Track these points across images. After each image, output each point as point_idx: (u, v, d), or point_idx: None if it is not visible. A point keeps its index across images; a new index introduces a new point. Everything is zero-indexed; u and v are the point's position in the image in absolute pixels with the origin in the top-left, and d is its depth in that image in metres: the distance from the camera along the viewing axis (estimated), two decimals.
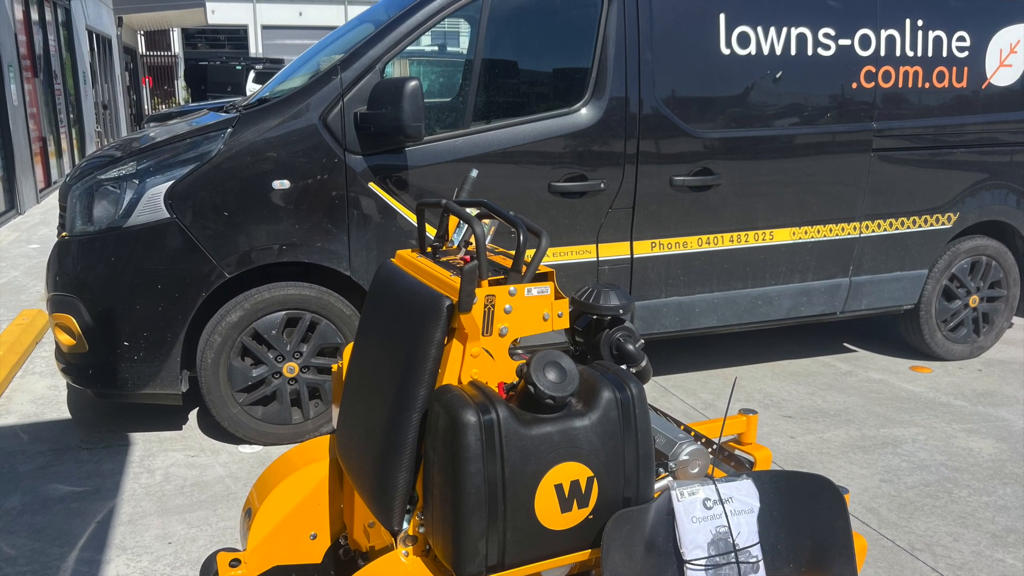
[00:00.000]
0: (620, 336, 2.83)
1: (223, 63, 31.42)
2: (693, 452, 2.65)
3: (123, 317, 4.68)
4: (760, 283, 5.86)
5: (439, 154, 4.96)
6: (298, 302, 4.89)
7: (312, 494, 2.95)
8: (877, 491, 4.59)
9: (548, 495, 2.24)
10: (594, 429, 2.27)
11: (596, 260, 5.39)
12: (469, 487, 2.16)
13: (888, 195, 6.06)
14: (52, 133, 15.81)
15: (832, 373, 6.40)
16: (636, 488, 2.35)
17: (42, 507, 4.35)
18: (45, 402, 5.71)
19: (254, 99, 5.44)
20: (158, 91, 38.67)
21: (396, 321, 2.58)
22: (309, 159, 4.75)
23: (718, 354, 6.81)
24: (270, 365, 4.93)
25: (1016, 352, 6.95)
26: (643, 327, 5.62)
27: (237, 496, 4.48)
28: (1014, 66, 6.29)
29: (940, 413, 5.64)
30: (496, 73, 5.14)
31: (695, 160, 5.46)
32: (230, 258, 4.73)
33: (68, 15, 18.38)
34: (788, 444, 5.15)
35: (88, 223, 4.70)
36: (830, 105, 5.77)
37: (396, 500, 2.40)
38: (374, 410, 2.57)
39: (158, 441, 5.14)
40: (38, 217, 12.58)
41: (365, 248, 4.93)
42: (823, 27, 5.66)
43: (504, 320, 2.38)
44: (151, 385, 4.83)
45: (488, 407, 2.18)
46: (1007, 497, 4.53)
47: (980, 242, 6.53)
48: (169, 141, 4.75)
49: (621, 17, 5.20)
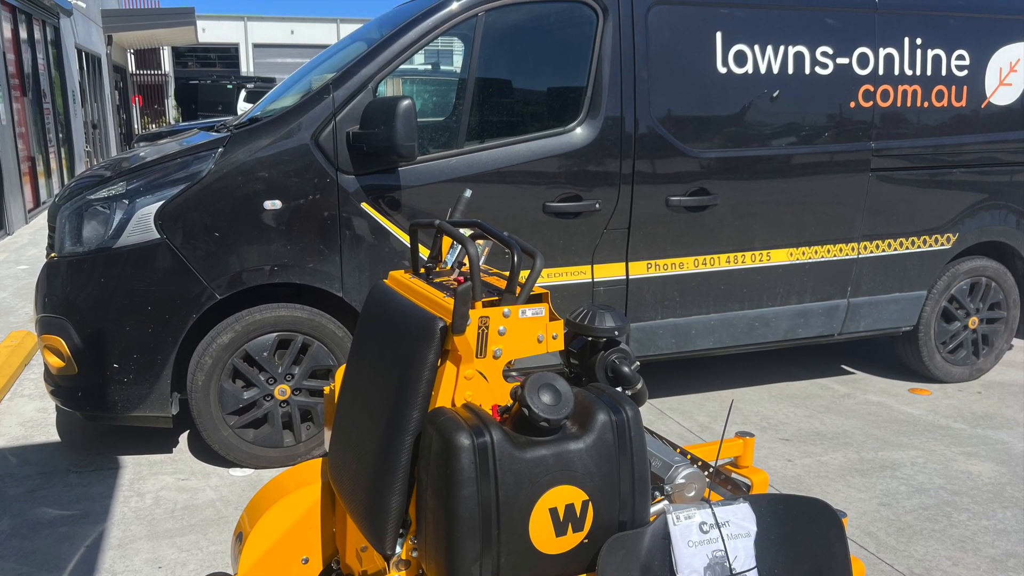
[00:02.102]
0: (615, 358, 2.84)
1: (214, 82, 31.56)
2: (689, 475, 2.66)
3: (113, 339, 4.65)
4: (757, 305, 5.83)
5: (432, 174, 4.95)
6: (290, 324, 4.86)
7: (304, 518, 2.95)
8: (875, 515, 4.56)
9: (543, 519, 2.23)
10: (589, 452, 2.26)
11: (591, 281, 5.36)
12: (463, 511, 2.15)
13: (886, 215, 6.03)
14: (41, 152, 15.82)
15: (830, 395, 6.37)
16: (632, 512, 2.34)
17: (31, 531, 4.32)
18: (34, 425, 5.68)
19: (245, 118, 5.43)
20: (148, 110, 38.84)
21: (389, 343, 2.58)
22: (301, 179, 4.73)
23: (714, 376, 6.79)
24: (261, 387, 4.90)
25: (1016, 374, 6.92)
26: (639, 349, 5.59)
27: (228, 520, 4.45)
28: (1014, 85, 6.27)
29: (939, 436, 5.61)
30: (490, 92, 5.12)
31: (691, 180, 5.43)
32: (221, 279, 4.70)
33: (57, 33, 18.39)
34: (785, 467, 5.13)
35: (77, 244, 4.68)
36: (828, 124, 5.75)
37: (389, 524, 2.39)
38: (367, 433, 2.57)
39: (148, 464, 5.11)
40: (27, 238, 12.58)
41: (358, 269, 4.90)
42: (821, 45, 5.65)
43: (498, 342, 2.39)
44: (141, 408, 4.80)
45: (482, 430, 2.18)
46: (1007, 521, 4.50)
47: (980, 263, 6.51)
48: (159, 161, 4.74)
49: (616, 35, 5.18)
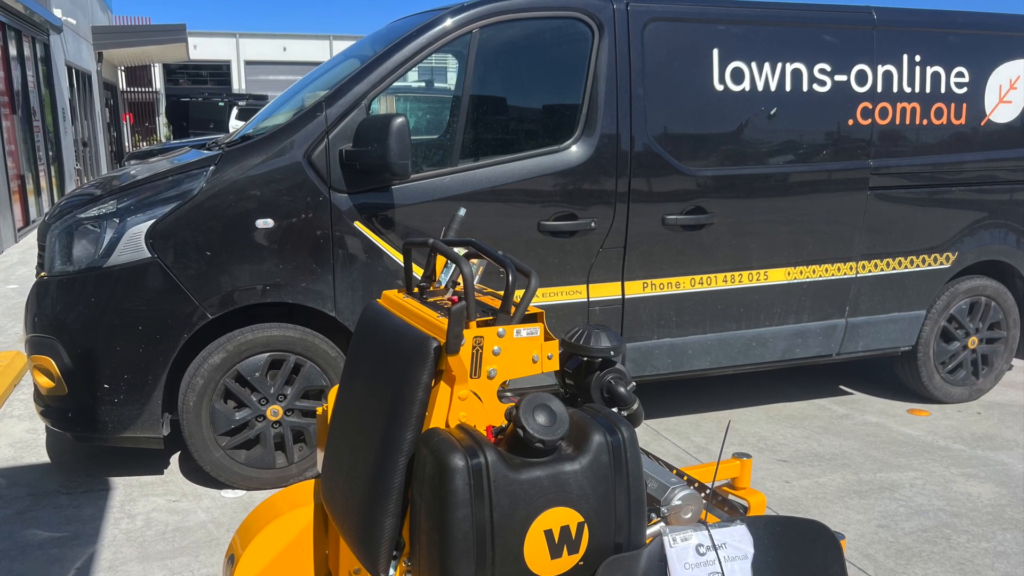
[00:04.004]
0: (611, 378, 2.85)
1: (205, 99, 31.73)
2: (686, 497, 2.65)
3: (103, 359, 4.63)
4: (754, 324, 5.80)
5: (426, 192, 4.92)
6: (282, 344, 4.83)
7: (296, 540, 2.95)
8: (874, 537, 4.53)
9: (538, 541, 2.21)
10: (584, 473, 2.25)
11: (587, 301, 5.33)
12: (457, 533, 2.14)
13: (885, 234, 6.01)
14: (31, 171, 15.78)
15: (828, 416, 6.34)
16: (628, 534, 2.33)
17: (20, 553, 4.30)
18: (23, 446, 5.65)
19: (237, 136, 5.42)
20: (139, 128, 38.95)
21: (382, 363, 2.58)
22: (293, 197, 4.71)
23: (711, 397, 6.76)
24: (253, 408, 4.87)
25: (1016, 395, 6.90)
26: (635, 369, 5.56)
27: (220, 542, 4.43)
28: (1014, 102, 6.26)
29: (938, 457, 5.58)
30: (484, 110, 5.11)
31: (688, 198, 5.41)
32: (213, 299, 4.68)
33: (47, 50, 18.35)
34: (783, 489, 5.10)
35: (67, 263, 4.65)
36: (826, 142, 5.74)
37: (382, 546, 2.38)
38: (360, 454, 2.57)
39: (139, 486, 5.08)
40: (16, 257, 12.56)
41: (351, 288, 4.87)
42: (819, 63, 5.64)
43: (493, 362, 2.39)
44: (132, 428, 4.77)
45: (476, 451, 2.18)
46: (1007, 543, 4.48)
47: (979, 282, 6.48)
48: (150, 179, 4.72)
49: (612, 52, 5.17)
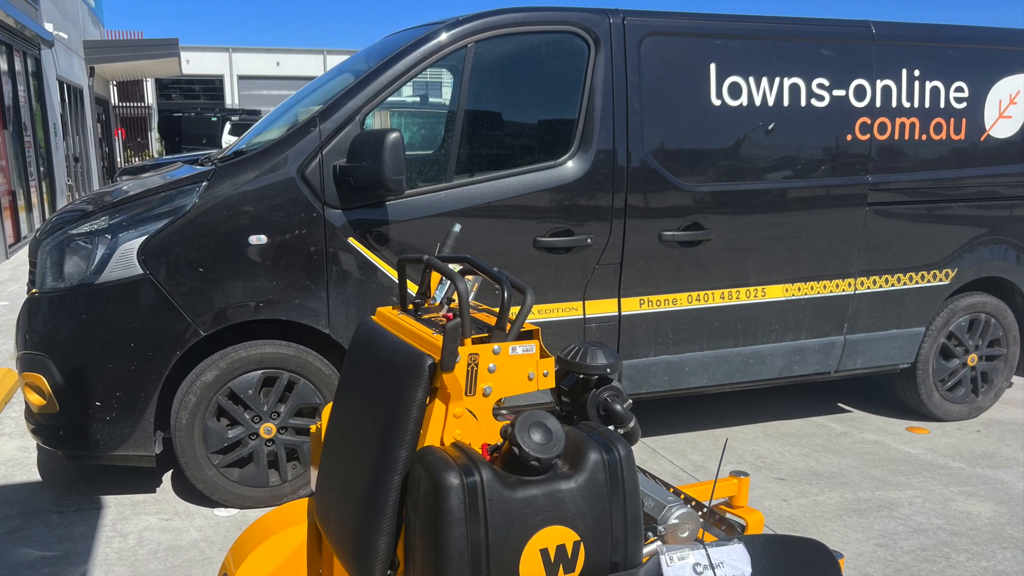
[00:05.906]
0: (607, 396, 2.84)
1: (198, 114, 31.72)
2: (683, 515, 2.65)
3: (95, 376, 4.60)
4: (752, 341, 5.78)
5: (421, 208, 4.91)
6: (275, 361, 4.81)
7: (290, 559, 2.94)
8: (872, 556, 4.52)
9: (533, 560, 2.19)
10: (580, 492, 2.24)
11: (583, 317, 5.31)
12: (452, 551, 2.12)
13: (884, 250, 6.00)
14: (22, 186, 15.75)
15: (826, 434, 6.32)
16: (624, 553, 2.31)
17: (11, 572, 4.28)
18: (14, 464, 5.62)
19: (230, 151, 5.40)
20: (131, 143, 38.96)
21: (376, 380, 2.58)
22: (287, 213, 4.69)
23: (708, 414, 6.74)
24: (246, 426, 4.84)
25: (1016, 412, 6.88)
26: (631, 387, 5.54)
27: (213, 561, 4.41)
28: (1014, 117, 6.26)
29: (937, 475, 5.56)
30: (480, 125, 5.10)
31: (685, 214, 5.40)
32: (205, 316, 4.65)
33: (38, 65, 18.32)
34: (781, 507, 5.08)
35: (59, 279, 4.63)
36: (824, 158, 5.72)
37: (376, 565, 2.36)
38: (354, 472, 2.55)
39: (131, 504, 5.06)
40: (7, 273, 12.56)
41: (345, 305, 4.85)
42: (817, 77, 5.64)
43: (488, 379, 2.38)
44: (124, 446, 4.74)
45: (471, 469, 2.16)
46: (1006, 562, 4.46)
47: (979, 299, 6.47)
48: (143, 195, 4.71)
49: (608, 67, 5.16)
